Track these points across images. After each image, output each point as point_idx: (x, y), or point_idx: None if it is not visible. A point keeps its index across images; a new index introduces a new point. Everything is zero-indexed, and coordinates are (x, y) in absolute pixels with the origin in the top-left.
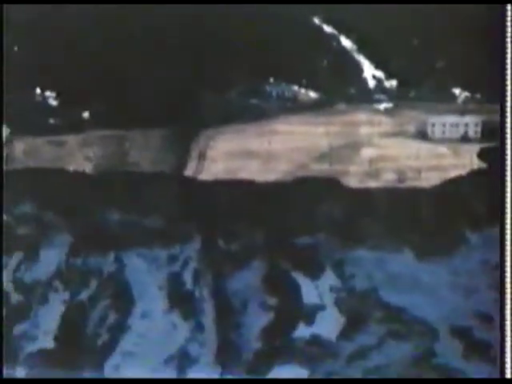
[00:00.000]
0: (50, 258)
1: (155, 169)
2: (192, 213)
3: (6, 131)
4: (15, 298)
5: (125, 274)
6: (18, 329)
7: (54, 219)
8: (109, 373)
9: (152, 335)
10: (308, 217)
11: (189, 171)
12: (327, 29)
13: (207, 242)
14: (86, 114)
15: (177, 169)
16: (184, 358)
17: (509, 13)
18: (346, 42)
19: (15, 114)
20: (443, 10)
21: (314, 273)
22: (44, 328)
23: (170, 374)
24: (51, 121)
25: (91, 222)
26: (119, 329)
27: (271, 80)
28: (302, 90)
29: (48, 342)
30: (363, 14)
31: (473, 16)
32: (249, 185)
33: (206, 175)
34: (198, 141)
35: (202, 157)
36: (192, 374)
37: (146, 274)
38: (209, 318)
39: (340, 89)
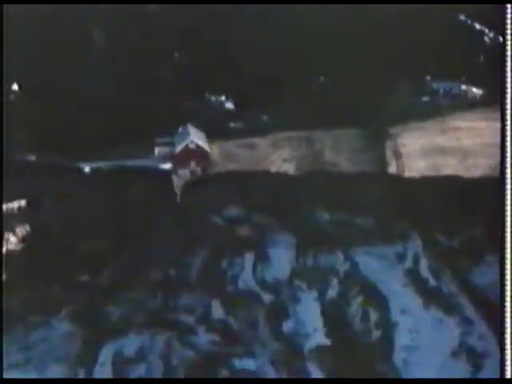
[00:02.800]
0: (281, 258)
1: (357, 168)
2: (404, 210)
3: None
4: (266, 297)
5: (362, 272)
6: (287, 326)
7: (267, 220)
8: (399, 367)
9: (422, 330)
10: None
11: (392, 169)
12: (477, 26)
13: (427, 239)
14: (264, 117)
15: (379, 168)
16: (472, 353)
17: (509, 13)
18: (498, 38)
19: (197, 119)
20: None
21: None
22: (311, 325)
23: (461, 368)
24: (232, 124)
25: (304, 222)
26: (388, 325)
27: (428, 78)
28: (463, 87)
29: (323, 339)
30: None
31: None
32: (456, 180)
33: (410, 172)
34: (385, 139)
35: (397, 155)
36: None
37: (381, 272)
38: (472, 312)
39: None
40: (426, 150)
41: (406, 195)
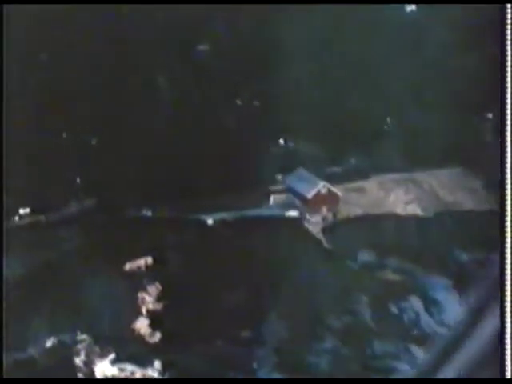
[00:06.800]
0: (449, 300)
1: (482, 207)
2: None
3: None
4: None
5: None
6: None
7: (407, 263)
8: None
9: None
10: None
11: None
12: None
13: None
14: (352, 160)
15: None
16: None
17: (509, 13)
18: None
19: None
20: None
21: None
22: None
23: None
24: (328, 170)
25: (446, 263)
26: None
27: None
28: None
29: None
30: None
31: None
32: None
33: None
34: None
35: None
36: None
37: None
38: None
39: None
40: None
41: None
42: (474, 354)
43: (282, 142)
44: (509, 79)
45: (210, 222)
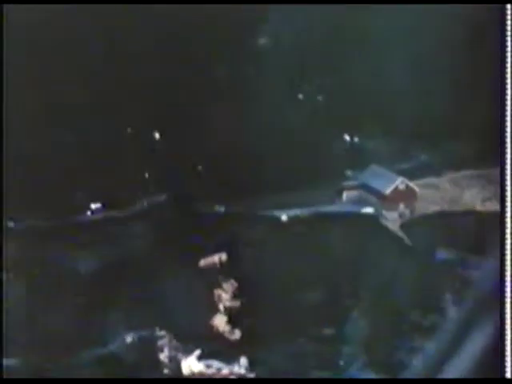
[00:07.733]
0: None
1: None
2: None
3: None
4: None
5: None
6: None
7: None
8: None
9: None
10: None
11: None
12: None
13: None
14: (422, 157)
15: None
16: None
17: (509, 13)
18: None
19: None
20: None
21: None
22: None
23: None
24: (397, 166)
25: None
26: None
27: None
28: None
29: None
30: None
31: None
32: None
33: None
34: None
35: None
36: None
37: None
38: None
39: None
40: None
41: None
42: None
43: (347, 138)
44: (509, 79)
45: (283, 218)
